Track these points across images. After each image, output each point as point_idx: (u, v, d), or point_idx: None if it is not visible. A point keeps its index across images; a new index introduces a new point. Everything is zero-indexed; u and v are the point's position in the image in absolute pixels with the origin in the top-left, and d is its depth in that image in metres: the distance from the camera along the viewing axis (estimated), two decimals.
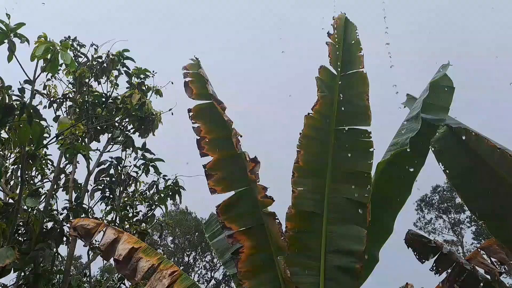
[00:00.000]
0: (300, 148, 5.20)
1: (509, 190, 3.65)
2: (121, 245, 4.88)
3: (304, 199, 5.02)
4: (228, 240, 4.90)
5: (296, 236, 4.85)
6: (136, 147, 8.87)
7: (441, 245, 4.64)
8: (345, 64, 5.44)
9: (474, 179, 3.93)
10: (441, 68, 5.81)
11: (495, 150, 3.57)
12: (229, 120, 5.09)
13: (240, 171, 5.05)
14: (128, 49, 8.58)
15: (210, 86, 5.36)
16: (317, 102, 5.31)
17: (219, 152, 5.16)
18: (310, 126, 5.26)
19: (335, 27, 5.53)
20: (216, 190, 5.05)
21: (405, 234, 4.84)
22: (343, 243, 4.69)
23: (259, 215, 4.93)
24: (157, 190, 9.32)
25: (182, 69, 5.56)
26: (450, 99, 5.59)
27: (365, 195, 4.85)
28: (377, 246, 5.43)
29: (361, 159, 5.03)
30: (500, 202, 3.71)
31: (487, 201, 3.79)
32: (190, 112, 5.31)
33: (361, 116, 5.18)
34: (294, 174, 5.12)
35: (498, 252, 4.60)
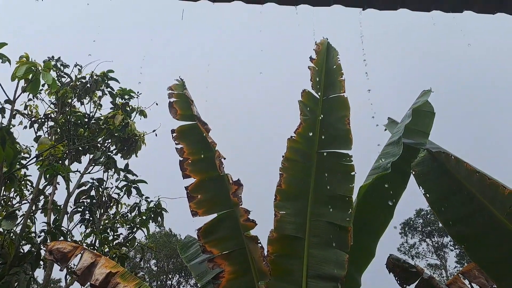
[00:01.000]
0: (282, 171, 5.21)
1: (488, 214, 3.69)
2: (98, 269, 4.75)
3: (286, 222, 4.98)
4: (209, 264, 4.82)
5: (277, 261, 4.79)
6: (119, 168, 8.75)
7: (422, 270, 4.63)
8: (326, 88, 5.52)
9: (453, 203, 3.97)
10: (423, 94, 5.95)
11: (474, 174, 3.62)
12: (213, 142, 5.08)
13: (223, 194, 5.01)
14: (113, 69, 8.59)
15: (194, 107, 5.37)
16: (300, 125, 5.36)
17: (201, 174, 5.13)
18: (293, 149, 5.28)
19: (317, 51, 5.63)
20: (197, 213, 4.99)
21: (387, 259, 4.82)
22: (324, 268, 4.64)
23: (241, 239, 4.87)
24: (139, 212, 9.16)
25: (167, 89, 5.57)
26: (431, 124, 5.71)
27: (347, 219, 4.84)
28: (359, 270, 5.41)
29: (343, 182, 5.05)
30: (478, 226, 3.75)
31: (466, 225, 3.82)
32: (173, 133, 5.29)
33: (342, 140, 5.23)
34: (276, 197, 5.10)
35: (478, 277, 4.61)
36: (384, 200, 5.46)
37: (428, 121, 5.59)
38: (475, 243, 3.77)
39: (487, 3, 2.87)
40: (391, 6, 2.91)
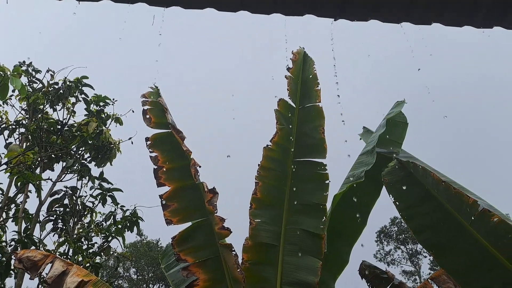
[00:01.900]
0: (258, 180, 5.24)
1: (454, 222, 3.81)
2: (70, 277, 4.66)
3: (261, 230, 5.02)
4: (183, 272, 4.79)
5: (252, 268, 4.81)
6: (93, 177, 8.60)
7: (393, 276, 4.73)
8: (302, 98, 5.61)
9: (421, 211, 4.08)
10: (397, 105, 6.10)
11: (441, 184, 3.73)
12: (188, 150, 5.07)
13: (198, 202, 5.01)
14: (87, 76, 8.47)
15: (169, 115, 5.36)
16: (276, 134, 5.41)
17: (176, 182, 5.11)
18: (269, 157, 5.33)
19: (294, 61, 5.72)
20: (172, 221, 4.96)
21: (359, 265, 4.91)
22: (298, 275, 4.69)
23: (215, 247, 4.87)
24: (114, 221, 9.01)
25: (141, 97, 5.54)
26: (404, 134, 5.86)
27: (321, 226, 4.91)
28: (333, 276, 5.48)
29: (317, 191, 5.12)
30: (445, 233, 3.86)
31: (434, 233, 3.93)
32: (147, 141, 5.26)
33: (317, 149, 5.31)
34: (252, 206, 5.13)
35: (447, 282, 4.74)
36: (358, 208, 5.56)
37: (401, 131, 5.74)
38: (443, 250, 3.87)
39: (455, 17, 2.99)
40: (362, 17, 3.00)
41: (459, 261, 3.77)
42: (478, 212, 3.51)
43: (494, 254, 3.60)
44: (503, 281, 3.63)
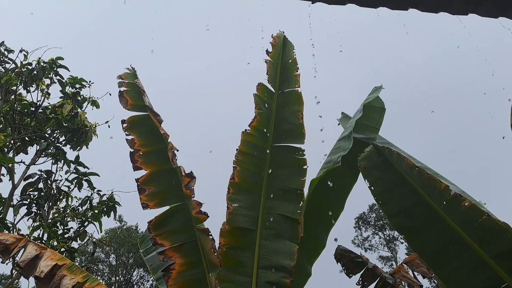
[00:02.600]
0: (236, 164, 5.22)
1: (427, 207, 3.88)
2: (43, 261, 4.57)
3: (239, 215, 5.01)
4: (159, 257, 4.75)
5: (229, 252, 4.81)
6: (69, 160, 8.42)
7: (367, 260, 4.81)
8: (282, 82, 5.59)
9: (395, 195, 4.14)
10: (374, 90, 6.13)
11: (414, 169, 3.79)
12: (165, 133, 5.00)
13: (175, 186, 4.96)
14: (62, 57, 8.23)
15: (146, 98, 5.26)
16: (254, 118, 5.39)
17: (153, 166, 5.04)
18: (247, 142, 5.31)
19: (274, 45, 5.67)
20: (148, 205, 4.90)
21: (335, 250, 4.97)
22: (275, 259, 4.71)
23: (192, 231, 4.84)
24: (91, 205, 8.88)
25: (117, 78, 5.41)
26: (381, 119, 5.92)
27: (298, 211, 4.94)
28: (310, 261, 5.54)
29: (295, 176, 5.14)
30: (418, 218, 3.93)
31: (407, 217, 4.00)
32: (124, 124, 5.16)
33: (295, 134, 5.31)
34: (229, 190, 5.12)
35: (420, 266, 4.85)
36: (335, 193, 5.62)
37: (378, 116, 5.78)
38: (415, 233, 3.95)
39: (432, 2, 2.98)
40: (339, 1, 2.96)
41: (430, 245, 3.85)
42: (450, 197, 3.58)
43: (464, 238, 3.69)
44: (472, 264, 3.73)
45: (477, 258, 3.71)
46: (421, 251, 3.92)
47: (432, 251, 3.83)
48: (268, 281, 4.59)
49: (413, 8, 2.86)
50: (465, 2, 2.80)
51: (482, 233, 3.64)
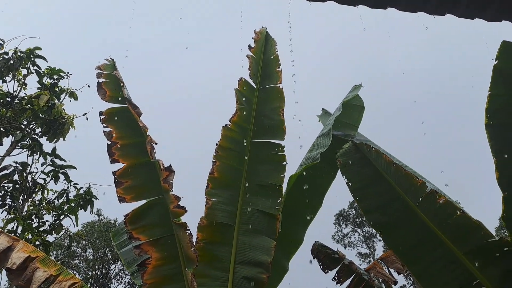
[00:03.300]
0: (216, 159, 5.20)
1: (403, 203, 3.93)
2: (15, 253, 4.47)
3: (217, 210, 4.99)
4: (135, 251, 4.70)
5: (206, 247, 4.79)
6: (45, 152, 8.24)
7: (343, 256, 4.85)
8: (264, 78, 5.58)
9: (372, 192, 4.18)
10: (354, 88, 6.18)
11: (391, 165, 3.83)
12: (144, 126, 4.94)
13: (153, 180, 4.91)
14: (40, 47, 8.03)
15: (125, 90, 5.18)
16: (235, 114, 5.37)
17: (131, 159, 4.97)
18: (227, 137, 5.29)
19: (256, 40, 5.65)
20: (125, 199, 4.84)
21: (312, 246, 5.00)
22: (252, 254, 4.71)
23: (169, 226, 4.80)
24: (67, 199, 8.71)
25: (96, 69, 5.32)
26: (360, 117, 5.97)
27: (276, 207, 4.94)
28: (287, 256, 5.56)
29: (274, 172, 5.14)
30: (394, 214, 3.98)
31: (383, 213, 4.05)
32: (101, 115, 5.07)
33: (276, 130, 5.32)
34: (208, 185, 5.09)
35: (395, 262, 4.92)
36: (313, 189, 5.65)
37: (357, 114, 5.83)
38: (391, 230, 4.00)
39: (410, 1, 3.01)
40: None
41: (405, 241, 3.90)
42: (425, 194, 3.64)
43: (438, 234, 3.76)
44: (446, 260, 3.79)
45: (451, 255, 3.78)
46: (396, 247, 3.97)
47: (407, 247, 3.89)
48: (244, 277, 4.59)
49: (392, 7, 2.89)
50: (442, 2, 2.84)
51: (456, 230, 3.71)
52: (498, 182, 3.73)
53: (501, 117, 3.67)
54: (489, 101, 3.66)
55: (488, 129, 3.69)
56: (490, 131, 3.68)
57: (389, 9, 3.06)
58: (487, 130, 3.70)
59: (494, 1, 2.96)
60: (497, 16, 3.09)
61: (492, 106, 3.66)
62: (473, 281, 3.73)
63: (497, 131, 3.68)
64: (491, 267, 3.66)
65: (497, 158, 3.65)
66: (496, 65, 3.67)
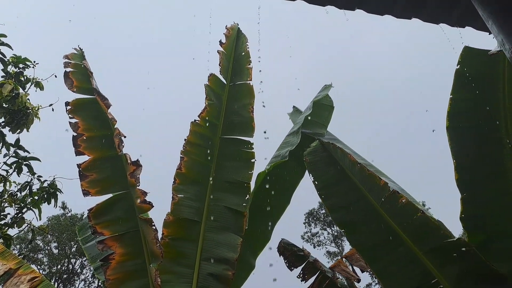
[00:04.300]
0: (183, 155, 5.16)
1: (366, 203, 4.01)
2: None
3: (184, 206, 4.96)
4: (99, 246, 4.61)
5: (172, 244, 4.75)
6: (8, 143, 7.94)
7: (308, 254, 4.91)
8: (234, 75, 5.57)
9: (338, 190, 4.25)
10: (324, 88, 6.25)
11: (356, 165, 3.90)
12: (113, 118, 4.84)
13: (119, 174, 4.83)
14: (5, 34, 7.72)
15: (94, 80, 5.08)
16: (204, 109, 5.34)
17: (97, 151, 4.87)
18: (196, 133, 5.26)
19: (227, 36, 5.63)
20: (89, 193, 4.74)
21: (278, 243, 5.03)
22: (218, 251, 4.70)
23: (135, 221, 4.73)
24: (30, 191, 8.44)
25: (63, 58, 5.18)
26: (330, 116, 6.05)
27: (244, 204, 4.95)
28: (254, 254, 5.57)
29: (242, 169, 5.15)
30: (358, 213, 4.06)
31: (347, 212, 4.12)
32: (68, 106, 4.95)
33: (245, 127, 5.32)
34: (175, 181, 5.05)
35: (359, 260, 5.01)
36: (282, 187, 5.68)
37: (327, 114, 5.91)
38: (354, 228, 4.07)
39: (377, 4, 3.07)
40: None
41: (367, 239, 3.98)
42: (388, 194, 3.72)
43: (399, 234, 3.85)
44: (406, 259, 3.89)
45: (411, 254, 3.88)
46: (359, 245, 4.05)
47: (369, 245, 3.97)
48: (210, 273, 4.58)
49: (360, 9, 2.94)
50: (407, 7, 2.91)
51: (416, 229, 3.81)
52: (457, 183, 3.86)
53: (461, 120, 3.80)
54: (450, 104, 3.79)
55: (449, 132, 3.81)
56: (450, 134, 3.81)
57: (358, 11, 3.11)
58: (448, 133, 3.82)
59: (458, 7, 3.05)
60: (461, 22, 3.18)
61: (453, 110, 3.79)
62: (431, 280, 3.84)
63: (457, 134, 3.81)
64: (449, 267, 3.78)
65: (456, 160, 3.77)
66: (458, 69, 3.80)
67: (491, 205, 3.87)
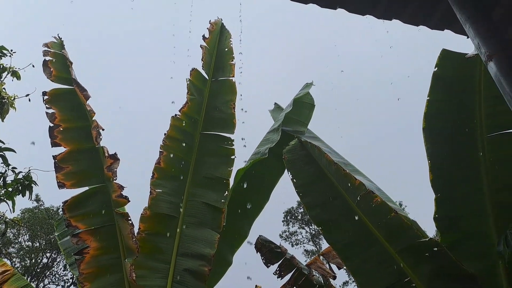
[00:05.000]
0: (163, 149, 5.11)
1: (342, 201, 4.06)
2: None
3: (162, 201, 4.91)
4: (73, 239, 4.54)
5: (148, 239, 4.70)
6: None
7: (285, 251, 4.94)
8: (216, 70, 5.54)
9: (315, 189, 4.29)
10: (305, 86, 6.28)
11: (332, 164, 3.93)
12: (91, 110, 4.77)
13: (96, 167, 4.76)
14: None
15: (73, 71, 4.99)
16: (186, 104, 5.30)
17: (74, 143, 4.80)
18: (176, 127, 5.21)
19: (211, 31, 5.59)
20: (65, 185, 4.67)
21: (256, 240, 5.05)
22: (195, 247, 4.68)
23: (110, 215, 4.67)
24: (4, 183, 8.24)
25: (43, 46, 5.08)
26: (311, 115, 6.08)
27: (222, 200, 4.93)
28: (231, 250, 5.57)
29: (222, 165, 5.13)
30: (334, 211, 4.10)
31: (324, 210, 4.16)
32: (45, 96, 4.86)
33: (226, 124, 5.30)
34: (154, 175, 4.99)
35: (336, 258, 5.07)
36: (261, 184, 5.69)
37: (307, 112, 5.94)
38: (330, 226, 4.11)
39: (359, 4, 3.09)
40: None
41: (343, 237, 4.03)
42: (363, 193, 3.76)
43: (374, 233, 3.90)
44: (380, 257, 3.95)
45: (384, 253, 3.94)
46: (335, 243, 4.09)
47: (344, 243, 4.02)
48: (186, 269, 4.55)
49: (342, 8, 2.96)
50: (388, 8, 2.94)
51: (390, 229, 3.87)
52: (431, 184, 3.93)
53: (437, 122, 3.87)
54: (427, 106, 3.86)
55: (425, 133, 3.89)
56: (426, 135, 3.88)
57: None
58: (424, 134, 3.89)
59: (438, 10, 3.10)
60: (441, 25, 3.24)
61: (430, 111, 3.86)
62: (404, 279, 3.91)
63: (433, 135, 3.88)
64: (421, 266, 3.85)
65: (431, 161, 3.84)
66: (436, 72, 3.87)
67: (463, 206, 3.95)
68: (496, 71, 2.23)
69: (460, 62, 3.84)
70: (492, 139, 3.80)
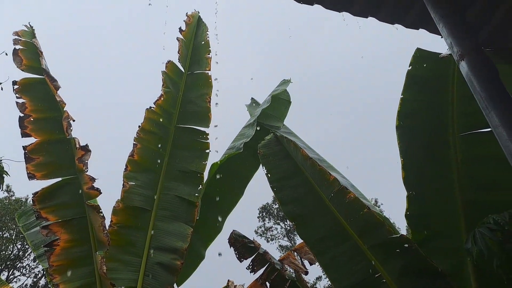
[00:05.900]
0: (137, 142, 5.05)
1: (316, 197, 4.09)
2: None
3: (135, 194, 4.86)
4: (43, 231, 4.43)
5: (120, 231, 4.64)
6: None
7: (259, 246, 4.95)
8: (192, 63, 5.50)
9: (289, 184, 4.30)
10: (282, 83, 6.29)
11: (308, 160, 3.96)
12: (61, 101, 4.66)
13: (67, 158, 4.67)
14: None
15: (43, 60, 4.86)
16: (161, 97, 5.24)
17: (44, 134, 4.69)
18: (151, 120, 5.16)
19: (188, 24, 5.53)
20: (35, 176, 4.56)
21: (229, 234, 5.04)
22: (167, 240, 4.64)
23: (81, 207, 4.59)
24: None
25: (13, 34, 4.93)
26: (287, 111, 6.10)
27: (196, 194, 4.91)
28: (204, 244, 5.55)
29: (196, 159, 5.11)
30: (308, 206, 4.12)
31: (298, 205, 4.18)
32: (15, 85, 4.71)
33: (201, 117, 5.27)
34: (127, 168, 4.93)
35: (308, 253, 5.11)
36: (235, 179, 5.68)
37: (284, 108, 5.96)
38: (303, 221, 4.14)
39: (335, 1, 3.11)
40: None
41: (316, 233, 4.06)
42: (336, 189, 3.80)
43: (346, 228, 3.95)
44: (352, 252, 4.00)
45: (356, 248, 3.98)
46: (308, 238, 4.11)
47: (317, 238, 4.04)
48: (158, 262, 4.51)
49: (318, 4, 2.97)
50: (364, 6, 2.97)
51: (362, 225, 3.92)
52: (404, 181, 4.00)
53: (410, 120, 3.94)
54: (401, 104, 3.92)
55: (398, 131, 3.95)
56: (399, 133, 3.94)
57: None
58: (397, 132, 3.95)
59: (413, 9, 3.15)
60: (416, 24, 3.29)
61: (403, 110, 3.92)
62: (375, 274, 3.96)
63: (406, 133, 3.95)
64: (392, 261, 3.91)
65: (404, 159, 3.91)
66: (410, 70, 3.93)
67: (434, 204, 4.03)
68: (468, 71, 2.28)
69: (434, 62, 3.90)
70: (464, 138, 3.88)
